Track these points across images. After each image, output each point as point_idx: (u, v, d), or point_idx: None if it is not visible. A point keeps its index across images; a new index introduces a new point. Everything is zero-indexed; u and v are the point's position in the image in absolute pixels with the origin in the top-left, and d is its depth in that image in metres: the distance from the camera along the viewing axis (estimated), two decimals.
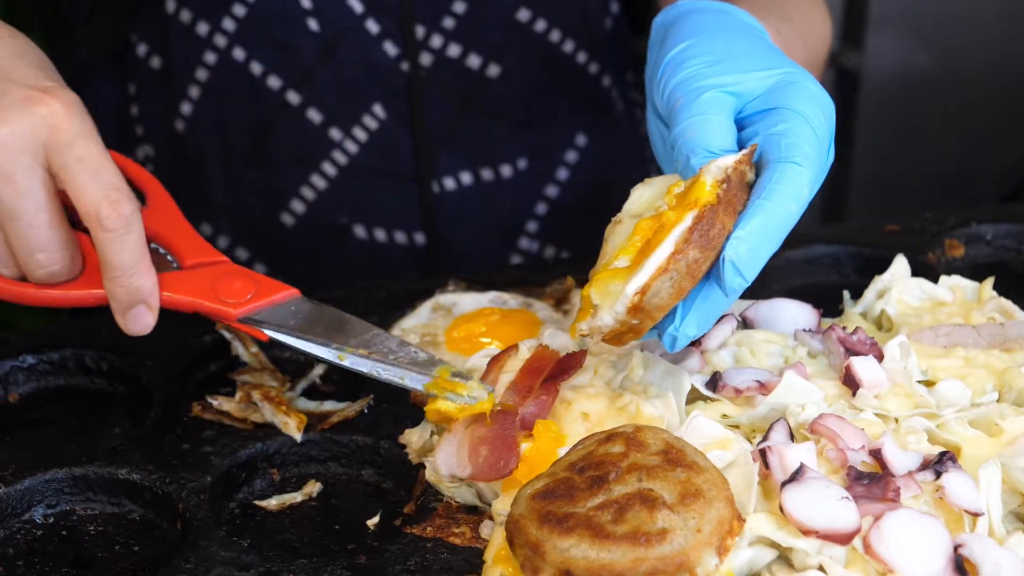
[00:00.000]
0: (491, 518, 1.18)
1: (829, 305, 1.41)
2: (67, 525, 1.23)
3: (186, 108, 1.75)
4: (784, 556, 1.09)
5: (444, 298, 1.47)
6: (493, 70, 1.76)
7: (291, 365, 1.42)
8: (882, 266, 1.45)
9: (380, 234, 1.78)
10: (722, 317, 1.30)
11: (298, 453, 1.30)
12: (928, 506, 1.12)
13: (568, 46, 1.79)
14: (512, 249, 1.85)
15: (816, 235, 1.63)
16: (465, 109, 1.76)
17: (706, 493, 1.06)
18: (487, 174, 1.79)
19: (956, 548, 1.07)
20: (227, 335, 1.41)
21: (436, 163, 1.77)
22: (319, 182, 1.75)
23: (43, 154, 1.22)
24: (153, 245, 1.32)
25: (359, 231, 1.78)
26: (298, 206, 1.76)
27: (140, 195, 1.34)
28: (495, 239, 1.83)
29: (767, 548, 1.09)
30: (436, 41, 1.72)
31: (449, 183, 1.78)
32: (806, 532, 1.07)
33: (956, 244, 1.61)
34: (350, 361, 1.27)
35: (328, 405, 1.34)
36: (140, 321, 1.27)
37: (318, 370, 1.39)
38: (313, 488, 1.27)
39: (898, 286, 1.40)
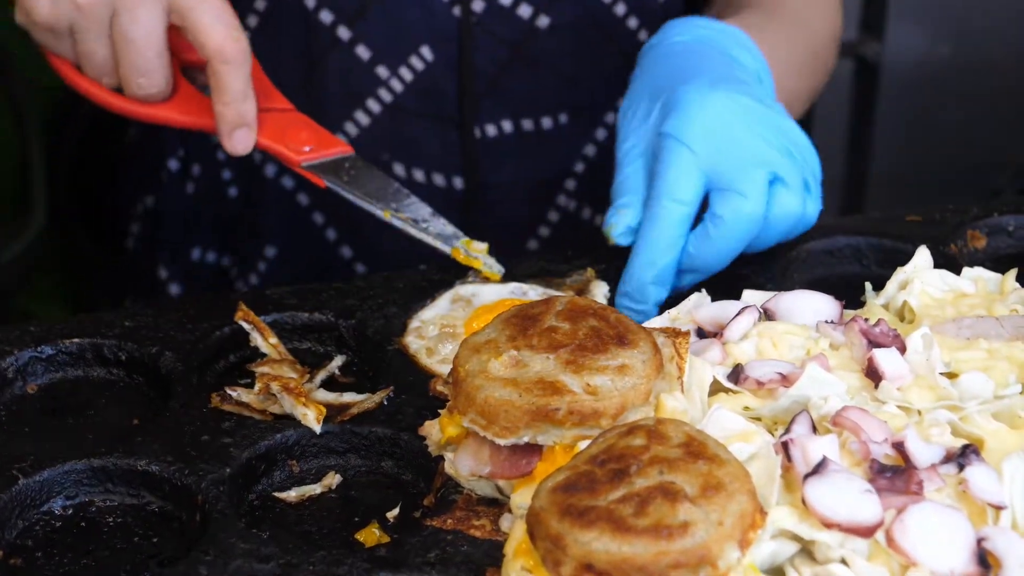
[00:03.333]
0: (511, 511, 1.18)
1: (851, 296, 1.40)
2: (86, 517, 1.23)
3: None
4: (806, 549, 1.08)
5: (464, 289, 1.46)
6: (543, 20, 1.78)
7: (310, 357, 1.42)
8: (904, 257, 1.43)
9: (419, 175, 1.81)
10: (743, 309, 1.30)
11: (317, 445, 1.30)
12: (951, 499, 1.11)
13: (620, 8, 1.81)
14: (551, 205, 1.87)
15: (837, 226, 1.62)
16: (513, 58, 1.79)
17: (728, 486, 1.05)
18: (528, 124, 1.82)
19: (979, 541, 1.06)
20: (246, 326, 1.40)
21: (479, 109, 1.79)
22: (363, 118, 1.79)
23: None
24: None
25: (398, 169, 1.81)
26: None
27: None
28: (533, 191, 1.85)
29: (789, 541, 1.08)
30: None
31: (491, 130, 1.81)
32: (828, 525, 1.06)
33: (978, 235, 1.60)
34: (392, 219, 1.48)
35: (347, 397, 1.34)
36: (244, 141, 1.46)
37: (337, 362, 1.39)
38: (332, 480, 1.27)
39: (920, 277, 1.39)
